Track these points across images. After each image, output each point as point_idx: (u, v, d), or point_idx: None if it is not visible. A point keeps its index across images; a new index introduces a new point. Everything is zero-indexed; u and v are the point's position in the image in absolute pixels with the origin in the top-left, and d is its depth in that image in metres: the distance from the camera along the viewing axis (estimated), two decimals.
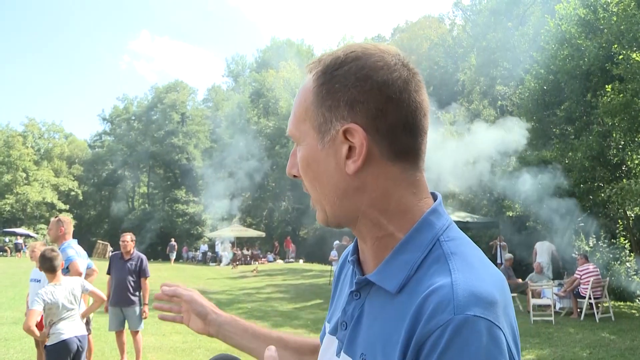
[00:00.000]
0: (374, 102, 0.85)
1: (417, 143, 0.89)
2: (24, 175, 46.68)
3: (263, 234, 37.72)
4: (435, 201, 0.93)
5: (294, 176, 0.97)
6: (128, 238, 7.38)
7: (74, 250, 5.61)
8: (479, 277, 0.78)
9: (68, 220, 5.77)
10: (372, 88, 0.85)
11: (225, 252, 32.42)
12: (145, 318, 7.25)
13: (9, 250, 34.83)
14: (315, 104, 0.89)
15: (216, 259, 33.24)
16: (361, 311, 0.92)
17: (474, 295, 0.74)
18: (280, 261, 32.17)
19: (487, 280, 0.79)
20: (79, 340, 4.58)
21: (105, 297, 5.00)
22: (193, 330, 1.29)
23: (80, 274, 5.31)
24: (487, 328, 0.72)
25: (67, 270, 5.25)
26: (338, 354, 0.95)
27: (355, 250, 1.01)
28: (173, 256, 34.71)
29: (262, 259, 32.46)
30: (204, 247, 37.52)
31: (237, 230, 35.62)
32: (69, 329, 4.51)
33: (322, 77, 0.89)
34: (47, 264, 4.54)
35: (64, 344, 4.46)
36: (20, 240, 34.87)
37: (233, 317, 1.30)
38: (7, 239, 37.80)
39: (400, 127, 0.86)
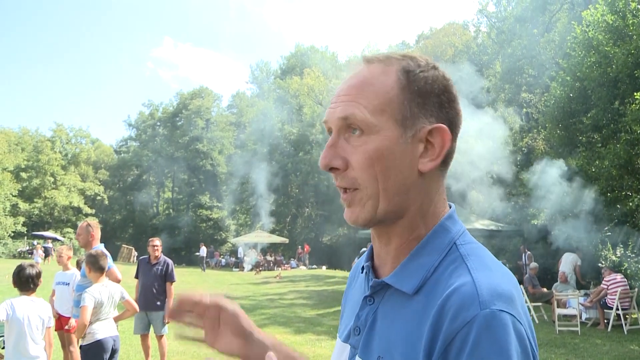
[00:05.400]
0: (452, 111, 0.93)
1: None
2: (52, 179, 47.59)
3: (286, 240, 37.78)
4: (450, 208, 0.97)
5: (331, 169, 0.91)
6: (158, 243, 7.48)
7: (109, 256, 5.67)
8: (497, 275, 0.82)
9: (96, 225, 5.86)
10: (450, 100, 0.93)
11: (248, 257, 32.54)
12: (167, 323, 7.27)
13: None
14: (404, 98, 0.89)
15: (239, 265, 33.38)
16: (375, 316, 0.93)
17: (496, 291, 0.77)
18: (303, 267, 32.20)
19: (504, 278, 0.82)
20: (113, 341, 4.70)
21: (138, 309, 5.10)
22: (222, 352, 1.11)
23: (119, 281, 5.41)
24: (513, 322, 0.75)
25: None
26: None
27: (369, 257, 1.02)
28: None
29: (285, 265, 32.53)
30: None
31: (260, 236, 35.76)
32: (104, 329, 4.63)
33: (411, 74, 0.91)
34: (96, 266, 4.69)
35: (99, 344, 4.58)
36: (49, 244, 35.41)
37: (276, 339, 1.11)
38: (35, 242, 38.44)
39: (457, 135, 0.95)
